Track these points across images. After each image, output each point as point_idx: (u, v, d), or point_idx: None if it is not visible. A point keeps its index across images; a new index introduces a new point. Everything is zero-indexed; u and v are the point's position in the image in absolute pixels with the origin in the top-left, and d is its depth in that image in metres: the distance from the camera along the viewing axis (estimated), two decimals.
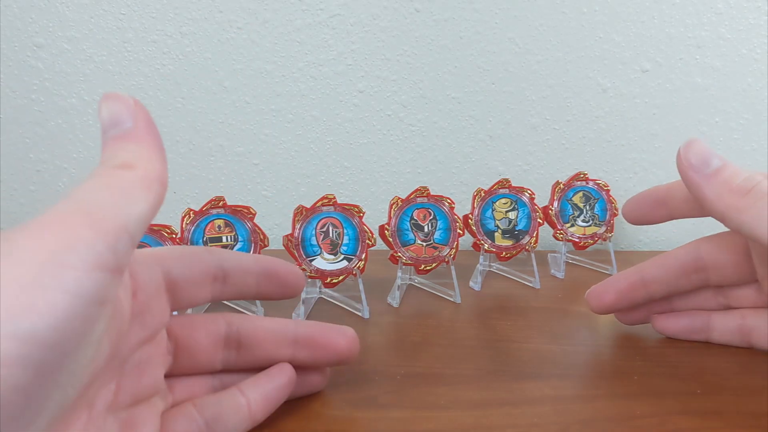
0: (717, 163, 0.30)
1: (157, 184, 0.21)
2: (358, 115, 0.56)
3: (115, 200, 0.19)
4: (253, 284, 0.28)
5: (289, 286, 0.29)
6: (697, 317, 0.36)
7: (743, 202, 0.28)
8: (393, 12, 0.54)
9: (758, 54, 0.56)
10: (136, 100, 0.22)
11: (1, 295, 0.16)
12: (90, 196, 0.19)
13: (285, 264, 0.29)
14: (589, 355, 0.35)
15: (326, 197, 0.41)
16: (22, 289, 0.16)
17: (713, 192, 0.29)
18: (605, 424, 0.28)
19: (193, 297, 0.26)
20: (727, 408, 0.29)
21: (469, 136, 0.57)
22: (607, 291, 0.36)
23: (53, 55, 0.53)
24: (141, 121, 0.22)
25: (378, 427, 0.28)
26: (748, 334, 0.35)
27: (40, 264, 0.17)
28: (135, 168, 0.21)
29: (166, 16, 0.53)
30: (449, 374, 0.33)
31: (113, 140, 0.21)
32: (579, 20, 0.55)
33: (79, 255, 0.17)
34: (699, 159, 0.30)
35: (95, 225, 0.18)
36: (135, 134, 0.21)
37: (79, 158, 0.56)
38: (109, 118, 0.22)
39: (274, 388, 0.27)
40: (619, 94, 0.57)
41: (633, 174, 0.59)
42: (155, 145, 0.22)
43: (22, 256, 0.17)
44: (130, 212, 0.19)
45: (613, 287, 0.36)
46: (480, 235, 0.46)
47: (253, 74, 0.55)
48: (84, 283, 0.17)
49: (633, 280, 0.35)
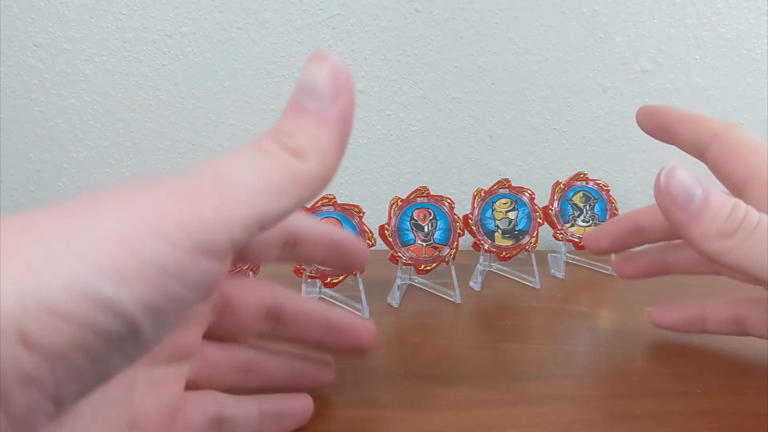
0: (700, 195, 0.26)
1: (318, 184, 0.18)
2: (358, 115, 0.56)
3: (262, 189, 0.17)
4: (319, 255, 0.27)
5: (353, 264, 0.28)
6: (691, 309, 0.36)
7: (731, 243, 0.26)
8: (393, 12, 0.54)
9: (758, 54, 0.56)
10: (349, 76, 0.19)
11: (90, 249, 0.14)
12: (236, 175, 0.17)
13: (354, 241, 0.28)
14: (589, 355, 0.35)
15: (326, 197, 0.41)
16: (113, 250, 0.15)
17: (700, 235, 0.26)
18: (605, 424, 0.28)
19: (258, 256, 0.25)
20: (727, 408, 0.29)
21: (469, 136, 0.57)
22: (602, 235, 0.37)
23: (53, 55, 0.53)
24: (341, 105, 0.19)
25: (378, 427, 0.28)
26: (742, 323, 0.35)
27: (143, 230, 0.15)
28: (307, 159, 0.18)
29: (166, 16, 0.53)
30: (449, 374, 0.33)
31: (300, 112, 0.18)
32: (579, 20, 0.55)
33: (190, 236, 0.15)
34: (682, 193, 0.26)
35: (224, 210, 0.16)
36: (326, 117, 0.18)
37: (78, 158, 0.56)
38: (309, 82, 0.19)
39: (291, 415, 0.27)
40: (619, 94, 0.57)
41: (633, 174, 0.59)
42: (341, 140, 0.19)
43: (130, 215, 0.15)
44: (272, 207, 0.17)
45: (608, 232, 0.36)
46: (480, 235, 0.46)
47: (253, 74, 0.55)
48: (185, 265, 0.15)
49: (628, 226, 0.36)
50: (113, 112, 0.55)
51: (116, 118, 0.55)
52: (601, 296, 0.46)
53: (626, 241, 0.36)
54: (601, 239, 0.37)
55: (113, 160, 0.56)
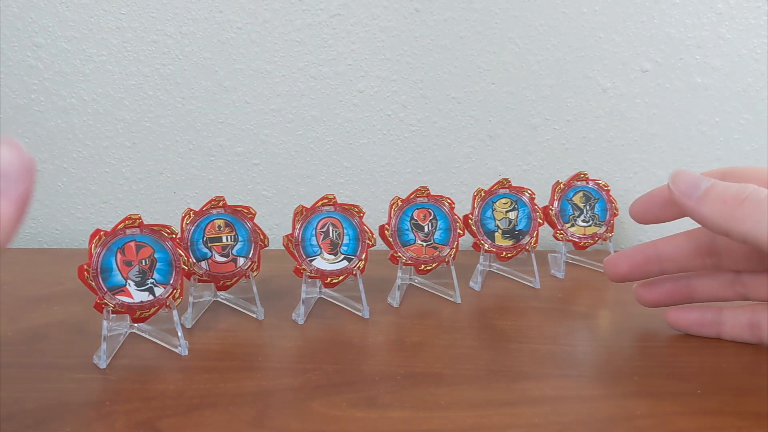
0: (707, 184, 0.31)
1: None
2: (358, 115, 0.56)
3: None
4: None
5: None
6: (708, 311, 0.36)
7: (741, 212, 0.29)
8: (393, 12, 0.54)
9: (758, 54, 0.56)
10: (33, 164, 0.22)
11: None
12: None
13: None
14: (589, 355, 0.36)
15: (326, 197, 0.41)
16: None
17: (709, 209, 0.30)
18: (605, 424, 0.28)
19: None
20: (727, 408, 0.29)
21: (469, 136, 0.57)
22: (621, 261, 0.37)
23: (53, 55, 0.53)
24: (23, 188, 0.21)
25: (378, 427, 0.28)
26: (758, 328, 0.35)
27: None
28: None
29: (166, 16, 0.53)
30: (449, 374, 0.33)
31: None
32: (579, 20, 0.55)
33: None
34: (688, 185, 0.31)
35: None
36: (10, 197, 0.21)
37: (78, 158, 0.56)
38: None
39: None
40: (619, 94, 0.57)
41: (633, 174, 0.59)
42: (18, 219, 0.21)
43: None
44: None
45: (628, 259, 0.37)
46: (480, 235, 0.46)
47: (253, 74, 0.55)
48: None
49: (648, 254, 0.36)
50: (113, 112, 0.55)
51: (116, 118, 0.55)
52: (601, 296, 0.46)
53: (645, 269, 0.37)
54: (620, 264, 0.37)
55: (113, 160, 0.56)
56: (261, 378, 0.32)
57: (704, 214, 0.30)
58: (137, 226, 0.35)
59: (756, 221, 0.28)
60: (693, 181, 0.31)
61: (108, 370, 0.33)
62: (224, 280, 0.40)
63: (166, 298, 0.35)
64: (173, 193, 0.57)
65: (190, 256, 0.39)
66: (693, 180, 0.31)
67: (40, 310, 0.41)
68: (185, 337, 0.35)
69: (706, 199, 0.30)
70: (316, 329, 0.39)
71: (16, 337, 0.37)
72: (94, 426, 0.28)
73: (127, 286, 0.35)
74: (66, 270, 0.45)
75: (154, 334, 0.36)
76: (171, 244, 0.36)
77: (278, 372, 0.33)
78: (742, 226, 0.29)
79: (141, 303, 0.35)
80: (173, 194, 0.57)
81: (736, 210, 0.29)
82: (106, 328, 0.34)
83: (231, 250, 0.40)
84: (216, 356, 0.35)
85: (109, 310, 0.34)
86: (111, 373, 0.33)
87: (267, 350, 0.37)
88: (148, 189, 0.57)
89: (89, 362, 0.34)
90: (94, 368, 0.33)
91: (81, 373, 0.33)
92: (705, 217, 0.30)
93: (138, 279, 0.35)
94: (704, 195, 0.30)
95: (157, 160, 0.56)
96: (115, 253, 0.34)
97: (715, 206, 0.30)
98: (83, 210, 0.57)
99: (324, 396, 0.30)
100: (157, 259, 0.35)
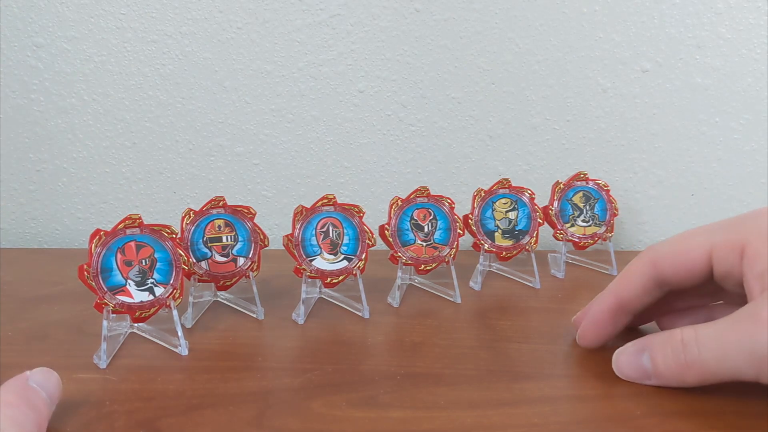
0: (647, 362, 0.31)
1: None
2: (358, 115, 0.56)
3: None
4: None
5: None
6: (699, 314, 0.36)
7: (694, 370, 0.29)
8: (393, 12, 0.54)
9: (758, 54, 0.56)
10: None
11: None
12: None
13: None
14: (588, 355, 0.35)
15: (326, 197, 0.41)
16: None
17: (672, 379, 0.30)
18: (605, 424, 0.28)
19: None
20: (727, 408, 0.29)
21: (469, 136, 0.57)
22: (587, 328, 0.35)
23: (53, 55, 0.53)
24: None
25: (378, 427, 0.28)
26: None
27: None
28: None
29: (166, 16, 0.53)
30: (449, 374, 0.33)
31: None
32: (579, 20, 0.55)
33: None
34: (636, 372, 0.32)
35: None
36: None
37: (78, 158, 0.56)
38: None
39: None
40: (619, 94, 0.57)
41: (633, 174, 0.59)
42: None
43: None
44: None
45: (593, 323, 0.35)
46: (480, 235, 0.46)
47: (253, 74, 0.55)
48: None
49: (610, 304, 0.34)
50: (113, 112, 0.55)
51: (116, 118, 0.55)
52: None
53: (614, 321, 0.34)
54: (586, 332, 0.35)
55: (113, 160, 0.56)
56: (261, 378, 0.32)
57: (672, 384, 0.30)
58: (137, 226, 0.35)
59: (716, 366, 0.29)
60: (635, 367, 0.32)
61: (108, 370, 0.33)
62: (224, 280, 0.40)
63: (166, 298, 0.35)
64: (173, 193, 0.57)
65: (190, 256, 0.39)
66: (635, 366, 0.32)
67: (40, 310, 0.41)
68: (185, 337, 0.35)
69: (661, 376, 0.31)
70: (316, 329, 0.39)
71: (16, 337, 0.37)
72: (94, 426, 0.28)
73: (127, 286, 0.35)
74: (66, 270, 0.45)
75: (154, 334, 0.37)
76: (171, 244, 0.36)
77: (278, 372, 0.33)
78: (711, 374, 0.29)
79: (141, 303, 0.35)
80: (173, 194, 0.57)
81: (689, 370, 0.29)
82: (106, 328, 0.34)
83: (231, 250, 0.40)
84: (216, 356, 0.35)
85: (109, 310, 0.34)
86: (111, 373, 0.33)
87: (267, 350, 0.37)
88: (148, 189, 0.57)
89: (89, 362, 0.34)
90: (94, 368, 0.33)
91: (81, 373, 0.33)
92: (676, 385, 0.30)
93: (138, 279, 0.35)
94: (656, 374, 0.31)
95: (157, 160, 0.56)
96: (115, 253, 0.34)
97: (673, 376, 0.30)
98: (83, 210, 0.57)
99: (324, 396, 0.30)
100: (157, 259, 0.35)
